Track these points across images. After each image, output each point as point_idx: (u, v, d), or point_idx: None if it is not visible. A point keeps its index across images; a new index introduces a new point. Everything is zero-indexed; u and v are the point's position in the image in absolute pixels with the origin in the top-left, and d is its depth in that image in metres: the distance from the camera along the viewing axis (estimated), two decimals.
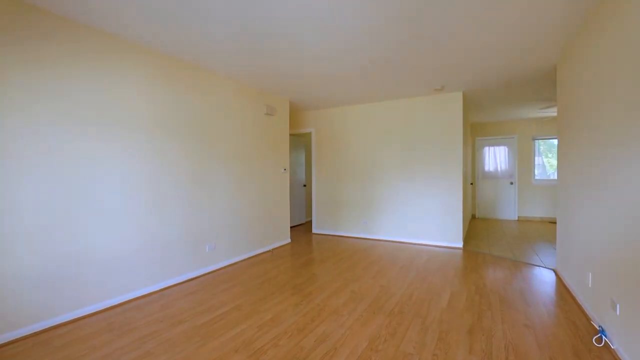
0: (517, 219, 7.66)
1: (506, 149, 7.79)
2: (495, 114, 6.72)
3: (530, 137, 7.54)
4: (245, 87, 4.31)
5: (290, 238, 5.59)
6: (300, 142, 7.01)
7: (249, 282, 3.38)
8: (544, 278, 3.45)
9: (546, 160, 7.70)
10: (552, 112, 5.91)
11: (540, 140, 7.59)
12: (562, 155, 3.41)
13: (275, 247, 4.88)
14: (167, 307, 2.78)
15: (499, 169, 7.86)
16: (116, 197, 2.82)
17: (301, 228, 6.64)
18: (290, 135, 6.85)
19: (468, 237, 5.57)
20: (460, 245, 4.85)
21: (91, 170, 2.65)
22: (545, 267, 3.82)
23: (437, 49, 3.21)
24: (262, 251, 4.59)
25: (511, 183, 7.72)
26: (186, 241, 3.47)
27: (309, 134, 7.42)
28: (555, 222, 7.17)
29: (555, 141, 7.53)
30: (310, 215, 7.54)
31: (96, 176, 2.68)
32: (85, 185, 2.61)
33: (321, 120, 6.03)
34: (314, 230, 6.12)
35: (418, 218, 5.14)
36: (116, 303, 2.82)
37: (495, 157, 7.91)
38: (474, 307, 2.72)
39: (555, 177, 7.50)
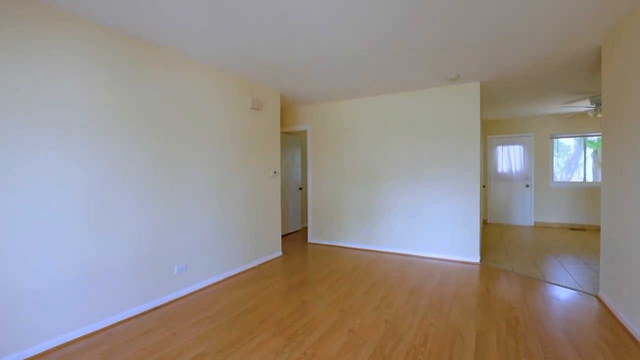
0: (533, 224, 6.99)
1: (521, 148, 7.11)
2: (509, 110, 6.04)
3: (548, 136, 6.85)
4: (227, 76, 3.65)
5: (282, 250, 4.94)
6: (295, 141, 6.35)
7: (223, 314, 2.73)
8: (587, 308, 2.79)
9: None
10: (578, 106, 5.24)
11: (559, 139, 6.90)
12: (609, 153, 2.75)
13: (263, 262, 4.23)
14: (109, 355, 2.14)
15: (513, 170, 7.19)
16: (46, 213, 2.17)
17: (296, 236, 5.99)
18: (284, 133, 6.19)
19: (483, 248, 4.91)
20: (477, 260, 4.19)
21: (8, 179, 2.00)
22: (584, 292, 3.15)
23: (452, 24, 2.55)
24: (246, 268, 3.94)
25: (527, 186, 7.05)
26: (147, 263, 2.83)
27: (305, 132, 6.76)
28: (577, 229, 6.50)
29: (564, 140, 6.84)
30: (307, 222, 6.88)
31: (15, 186, 2.04)
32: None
33: (318, 116, 5.37)
34: (310, 240, 5.47)
35: (428, 228, 4.49)
36: (40, 352, 2.18)
37: (510, 158, 7.23)
38: (510, 357, 2.07)
39: (564, 180, 6.82)
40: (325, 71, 3.67)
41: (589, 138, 6.74)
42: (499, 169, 7.34)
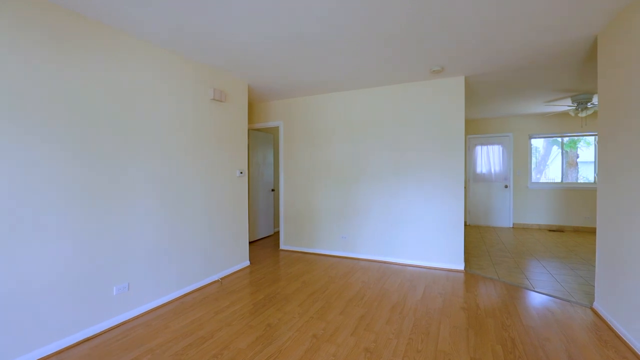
0: (512, 226, 6.88)
1: (500, 148, 6.99)
2: (490, 109, 5.86)
3: (527, 136, 6.76)
4: (180, 60, 3.13)
5: (251, 259, 4.45)
6: (267, 138, 5.87)
7: (169, 346, 2.23)
8: (584, 323, 2.53)
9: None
10: (560, 105, 5.10)
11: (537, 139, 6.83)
12: (607, 152, 2.49)
13: (227, 274, 3.73)
14: None
15: (492, 170, 7.05)
16: None
17: (268, 242, 5.50)
18: (254, 130, 5.70)
19: (465, 252, 4.65)
20: (462, 267, 3.89)
21: None
22: (577, 304, 2.90)
23: (436, 5, 2.19)
24: (206, 283, 3.43)
25: (506, 186, 6.93)
26: (78, 284, 2.28)
27: (277, 128, 6.27)
28: (555, 230, 6.43)
29: (541, 140, 6.80)
30: (279, 226, 6.41)
31: None
32: None
33: (291, 111, 4.92)
34: (282, 246, 5.01)
35: (410, 233, 4.15)
36: None
37: (489, 158, 7.09)
38: None
39: (540, 180, 6.78)
40: (296, 59, 3.23)
41: (566, 139, 6.71)
42: (478, 170, 7.19)
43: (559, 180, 6.77)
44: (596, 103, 4.71)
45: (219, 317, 2.66)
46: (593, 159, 6.64)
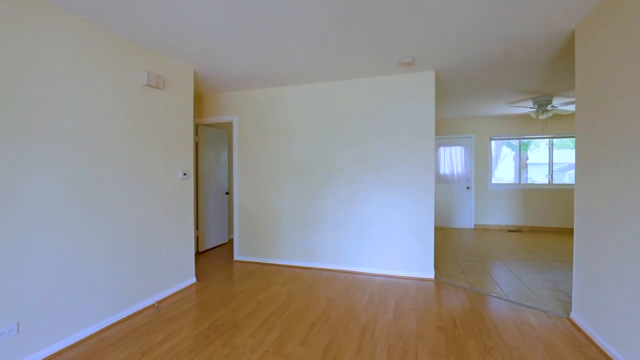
0: (473, 227, 6.91)
1: (463, 149, 6.99)
2: (454, 109, 5.77)
3: (487, 137, 6.82)
4: (105, 35, 2.49)
5: (198, 274, 3.84)
6: (220, 136, 5.25)
7: None
8: (565, 338, 2.33)
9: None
10: (522, 106, 5.11)
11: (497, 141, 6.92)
12: (584, 151, 2.31)
13: (167, 296, 3.12)
14: None
15: (455, 172, 7.04)
16: None
17: (221, 252, 4.90)
18: (206, 125, 5.06)
19: (434, 259, 4.44)
20: (432, 275, 3.64)
21: None
22: (555, 314, 2.73)
23: None
24: (137, 309, 2.80)
25: (467, 188, 6.95)
26: None
27: (231, 124, 5.64)
28: (513, 231, 6.54)
29: (493, 142, 6.93)
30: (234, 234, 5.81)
31: None
32: None
33: (247, 104, 4.38)
34: (237, 257, 4.44)
35: (378, 240, 3.82)
36: None
37: (451, 159, 7.07)
38: None
39: (500, 181, 6.91)
40: (250, 43, 2.74)
41: (524, 140, 6.87)
42: (441, 171, 7.14)
43: (507, 181, 6.90)
44: (556, 105, 4.75)
45: (149, 357, 2.09)
46: (545, 161, 6.84)
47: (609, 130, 2.13)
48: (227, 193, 5.38)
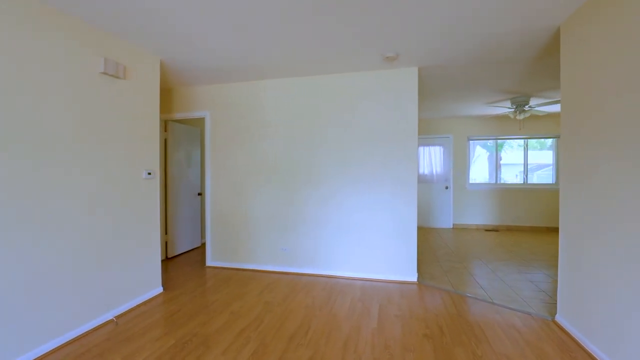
0: (452, 227, 6.93)
1: (441, 149, 7.00)
2: (435, 108, 5.74)
3: (466, 137, 6.87)
4: (51, 13, 2.16)
5: (166, 282, 3.53)
6: (192, 133, 4.92)
7: None
8: (552, 342, 2.25)
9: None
10: (501, 107, 5.13)
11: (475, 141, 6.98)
12: (569, 152, 2.25)
13: (128, 309, 2.80)
14: None
15: (433, 171, 7.04)
16: None
17: (193, 257, 4.58)
18: (176, 121, 4.72)
19: None
20: (415, 278, 3.52)
21: None
22: (540, 317, 2.67)
23: None
24: (93, 326, 2.48)
25: (446, 188, 6.97)
26: None
27: (203, 120, 5.29)
28: (491, 230, 6.61)
29: (478, 142, 7.01)
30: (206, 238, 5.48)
31: None
32: None
33: (220, 99, 4.10)
34: (210, 262, 4.15)
35: (360, 242, 3.66)
36: None
37: (430, 159, 7.07)
38: None
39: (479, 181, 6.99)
40: (221, 29, 2.48)
41: (498, 141, 6.96)
42: (420, 171, 7.12)
43: (480, 181, 6.98)
44: (533, 106, 4.79)
45: None
46: (515, 161, 6.97)
47: (598, 130, 2.06)
48: (199, 194, 5.06)
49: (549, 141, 6.80)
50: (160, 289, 3.19)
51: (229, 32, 2.62)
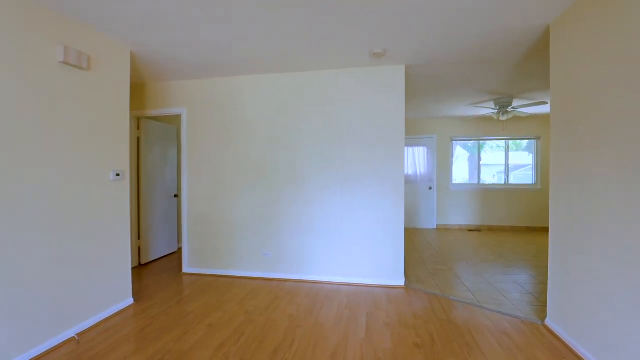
0: (435, 227, 6.93)
1: (425, 150, 6.99)
2: (419, 108, 5.70)
3: (449, 138, 6.89)
4: None
5: (138, 293, 3.27)
6: (168, 131, 4.65)
7: None
8: (548, 349, 2.19)
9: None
10: (485, 107, 5.14)
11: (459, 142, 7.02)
12: (559, 152, 2.20)
13: (92, 325, 2.54)
14: None
15: (417, 172, 7.02)
16: None
17: (168, 263, 4.31)
18: (150, 119, 4.43)
19: None
20: (402, 282, 3.42)
21: None
22: (530, 321, 2.62)
23: None
24: (51, 346, 2.21)
25: (430, 188, 6.96)
26: None
27: (179, 117, 4.99)
28: (474, 230, 6.65)
29: (461, 143, 7.07)
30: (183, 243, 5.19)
31: None
32: None
33: (198, 96, 3.86)
34: (186, 269, 3.90)
35: (345, 246, 3.53)
36: None
37: (414, 159, 7.04)
38: None
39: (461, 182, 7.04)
40: (198, 19, 2.28)
41: (471, 142, 7.01)
42: (405, 171, 7.08)
43: (460, 181, 7.03)
44: (516, 106, 4.82)
45: None
46: (493, 162, 7.07)
47: (590, 131, 2.01)
48: (176, 196, 4.78)
49: (524, 142, 6.92)
50: (130, 300, 2.93)
51: (206, 22, 2.41)
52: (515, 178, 6.93)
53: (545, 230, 6.60)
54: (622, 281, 1.76)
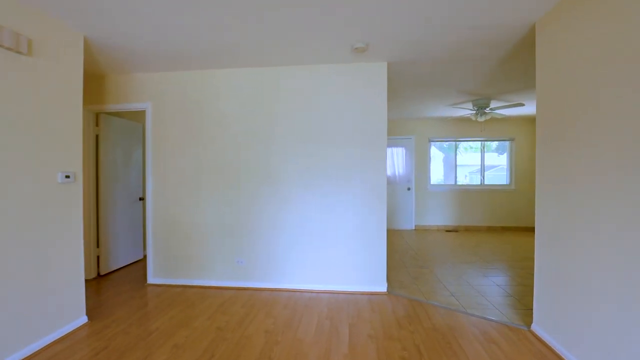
0: (414, 228, 6.91)
1: (404, 150, 6.96)
2: (398, 108, 5.62)
3: (427, 139, 6.89)
4: None
5: (94, 310, 2.91)
6: (133, 129, 4.27)
7: None
8: (535, 356, 2.11)
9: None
10: (463, 108, 5.13)
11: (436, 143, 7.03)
12: (546, 154, 2.13)
13: (39, 349, 2.19)
14: None
15: (396, 173, 6.97)
16: None
17: (132, 272, 3.94)
18: (111, 114, 4.04)
19: None
20: (384, 288, 3.28)
21: None
22: (516, 326, 2.55)
23: None
24: None
25: (408, 189, 6.93)
26: None
27: (143, 113, 4.60)
28: (451, 230, 6.68)
29: (438, 144, 7.11)
30: (147, 250, 4.78)
31: None
32: None
33: (165, 90, 3.54)
34: (151, 279, 3.56)
35: (324, 250, 3.34)
36: None
37: (393, 160, 6.99)
38: None
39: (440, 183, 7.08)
40: (161, 5, 2.02)
41: (453, 143, 7.07)
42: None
43: (435, 182, 7.07)
44: (494, 107, 4.84)
45: None
46: (467, 163, 7.16)
47: (578, 132, 1.94)
48: (141, 199, 4.40)
49: (494, 144, 7.02)
50: (84, 319, 2.59)
51: (171, 7, 2.14)
52: (487, 179, 7.03)
53: (519, 229, 6.74)
54: (610, 286, 1.68)
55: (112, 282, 3.58)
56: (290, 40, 2.72)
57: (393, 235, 6.23)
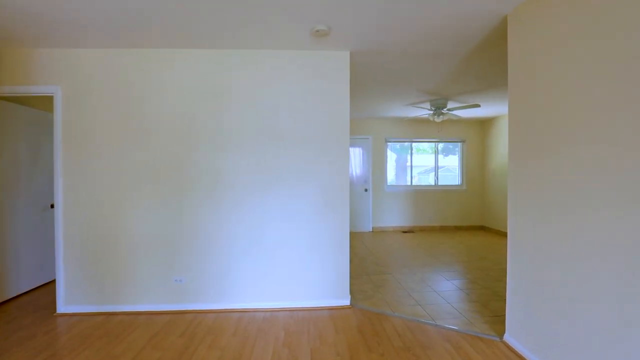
0: (371, 230, 6.78)
1: (361, 151, 6.79)
2: (356, 107, 5.40)
3: (384, 139, 6.80)
4: None
5: None
6: (39, 118, 3.46)
7: None
8: None
9: None
10: (420, 108, 5.07)
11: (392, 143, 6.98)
12: (518, 155, 1.98)
13: None
14: None
15: (354, 174, 6.78)
16: None
17: (40, 298, 3.16)
18: (7, 100, 3.21)
19: None
20: (348, 301, 2.98)
21: None
22: (489, 338, 2.39)
23: None
24: None
25: (365, 190, 6.78)
26: None
27: (51, 99, 3.74)
28: (407, 231, 6.66)
29: (393, 144, 7.10)
30: (58, 271, 3.91)
31: None
32: None
33: (79, 71, 2.85)
34: (63, 308, 2.85)
35: (279, 262, 2.94)
36: None
37: (351, 160, 6.79)
38: None
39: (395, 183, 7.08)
40: None
41: (407, 144, 7.06)
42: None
43: (389, 182, 7.05)
44: (451, 108, 4.83)
45: None
46: (417, 164, 7.25)
47: (553, 129, 1.80)
48: (52, 206, 3.59)
49: (441, 145, 7.10)
50: None
51: None
52: (439, 179, 7.15)
53: (470, 228, 6.95)
54: (584, 295, 1.54)
55: (9, 314, 2.81)
56: (239, 18, 2.28)
57: (352, 238, 6.01)
